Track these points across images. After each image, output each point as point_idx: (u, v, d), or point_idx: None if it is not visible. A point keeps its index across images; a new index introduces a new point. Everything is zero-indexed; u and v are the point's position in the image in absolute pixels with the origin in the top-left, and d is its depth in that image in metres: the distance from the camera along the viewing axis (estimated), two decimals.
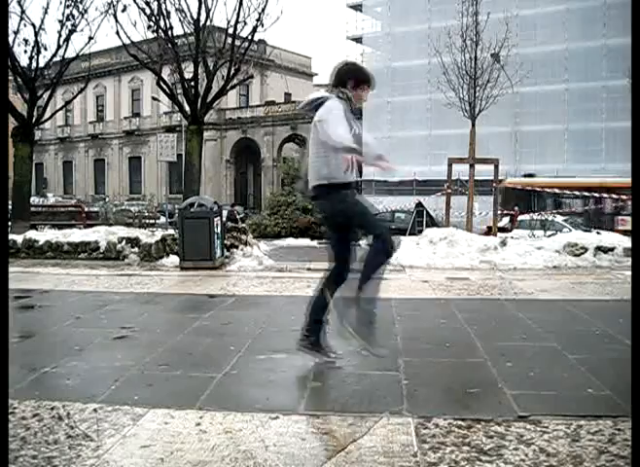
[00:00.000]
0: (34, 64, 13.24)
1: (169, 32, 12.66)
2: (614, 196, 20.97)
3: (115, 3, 12.65)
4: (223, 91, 13.40)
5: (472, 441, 2.48)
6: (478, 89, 12.52)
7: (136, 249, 9.49)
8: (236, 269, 8.54)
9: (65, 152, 49.33)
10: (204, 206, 8.87)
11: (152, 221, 14.51)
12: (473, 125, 12.59)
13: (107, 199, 30.23)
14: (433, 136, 29.09)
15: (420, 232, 13.21)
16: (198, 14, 12.58)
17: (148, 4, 12.39)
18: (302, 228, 18.06)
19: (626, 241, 8.93)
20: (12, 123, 12.82)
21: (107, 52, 37.79)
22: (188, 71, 12.94)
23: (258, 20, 12.70)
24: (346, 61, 3.87)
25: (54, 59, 13.62)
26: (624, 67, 15.00)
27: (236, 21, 12.62)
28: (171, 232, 10.01)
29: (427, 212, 17.59)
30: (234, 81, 13.53)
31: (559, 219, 15.25)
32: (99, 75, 41.33)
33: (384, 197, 23.62)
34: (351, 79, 3.58)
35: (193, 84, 12.96)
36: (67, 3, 13.03)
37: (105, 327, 4.71)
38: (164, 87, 13.25)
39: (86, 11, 13.13)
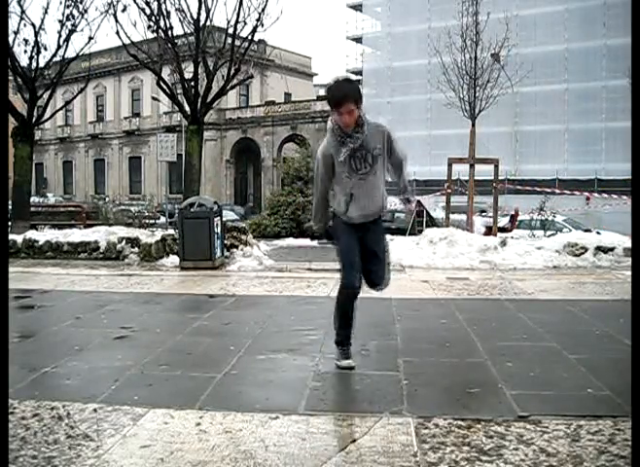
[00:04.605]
0: (34, 64, 13.24)
1: (169, 32, 12.66)
2: (614, 195, 20.98)
3: (115, 3, 12.67)
4: (223, 91, 13.40)
5: (472, 441, 2.48)
6: (478, 89, 12.51)
7: (136, 249, 9.49)
8: (236, 269, 8.54)
9: (65, 152, 49.33)
10: (204, 206, 8.87)
11: (152, 221, 14.50)
12: (473, 125, 12.58)
13: (107, 199, 30.24)
14: (433, 136, 29.11)
15: (420, 232, 13.20)
16: (198, 14, 12.58)
17: (148, 4, 12.40)
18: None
19: (626, 241, 8.93)
20: (12, 123, 12.81)
21: (107, 52, 37.83)
22: (188, 71, 12.93)
23: (258, 20, 12.71)
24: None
25: (54, 59, 13.61)
26: (624, 67, 14.99)
27: (236, 21, 12.63)
28: (171, 232, 10.01)
29: (427, 212, 17.57)
30: (234, 81, 13.52)
31: (559, 219, 15.23)
32: (99, 75, 41.35)
33: None
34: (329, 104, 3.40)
35: (193, 84, 12.96)
36: (67, 3, 13.03)
37: (105, 327, 4.71)
38: (164, 87, 13.25)
39: (86, 11, 13.14)
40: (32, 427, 2.64)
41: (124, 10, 12.73)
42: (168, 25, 12.54)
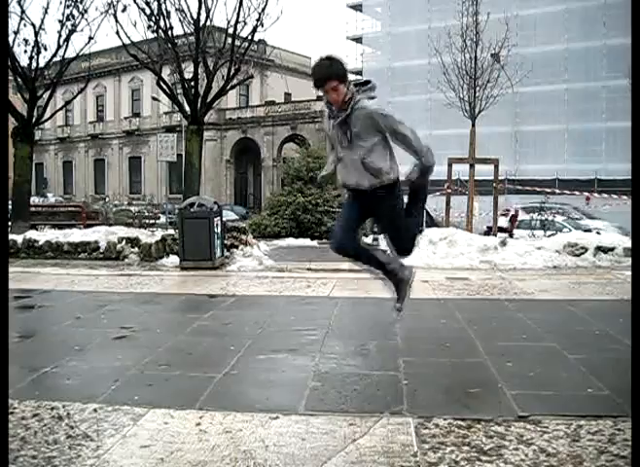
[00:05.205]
0: (34, 64, 13.24)
1: (169, 32, 12.66)
2: (614, 195, 20.99)
3: (115, 3, 12.66)
4: (223, 91, 13.40)
5: (472, 441, 2.48)
6: (478, 89, 12.53)
7: (136, 249, 9.49)
8: (236, 269, 8.54)
9: (65, 152, 49.34)
10: (204, 206, 8.87)
11: (152, 221, 14.51)
12: (473, 124, 12.60)
13: (107, 199, 30.25)
14: (433, 136, 29.04)
15: (420, 232, 13.17)
16: (198, 14, 12.58)
17: (148, 4, 12.40)
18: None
19: (626, 241, 8.92)
20: (12, 123, 12.82)
21: (107, 52, 37.77)
22: (188, 71, 12.93)
23: (258, 20, 12.71)
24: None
25: (54, 59, 13.62)
26: (624, 67, 15.01)
27: (236, 21, 12.63)
28: (171, 232, 10.00)
29: (427, 212, 17.56)
30: (234, 81, 13.52)
31: (559, 219, 15.23)
32: (99, 75, 41.34)
33: None
34: None
35: (193, 84, 12.96)
36: (67, 3, 13.04)
37: (105, 327, 4.71)
38: (164, 87, 13.25)
39: (86, 11, 13.15)
40: (32, 427, 2.64)
41: (124, 10, 12.74)
42: (168, 25, 12.55)
